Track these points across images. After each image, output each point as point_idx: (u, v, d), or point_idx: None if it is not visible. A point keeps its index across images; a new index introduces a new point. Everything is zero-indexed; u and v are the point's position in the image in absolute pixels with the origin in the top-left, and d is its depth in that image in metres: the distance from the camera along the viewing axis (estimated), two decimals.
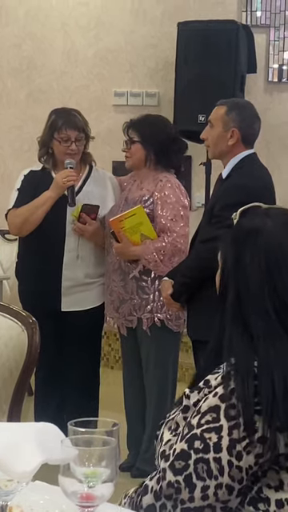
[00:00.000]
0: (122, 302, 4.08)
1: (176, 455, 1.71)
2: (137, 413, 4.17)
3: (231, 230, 1.89)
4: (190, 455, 1.70)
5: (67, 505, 1.56)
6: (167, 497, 1.71)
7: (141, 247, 3.98)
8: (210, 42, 5.85)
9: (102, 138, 5.57)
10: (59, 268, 4.14)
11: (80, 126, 4.14)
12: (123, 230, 3.99)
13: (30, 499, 1.66)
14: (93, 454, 1.46)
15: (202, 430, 1.70)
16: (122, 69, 6.59)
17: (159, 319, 4.02)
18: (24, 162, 5.63)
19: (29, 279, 4.23)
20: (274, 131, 6.29)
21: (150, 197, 4.02)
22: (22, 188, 4.18)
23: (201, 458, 1.69)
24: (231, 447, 1.68)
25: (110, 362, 6.28)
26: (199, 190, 6.17)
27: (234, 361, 1.72)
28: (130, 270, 4.04)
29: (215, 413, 1.70)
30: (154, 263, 3.96)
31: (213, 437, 1.69)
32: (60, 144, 4.11)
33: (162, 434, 1.88)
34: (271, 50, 6.42)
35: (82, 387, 4.22)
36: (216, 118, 3.77)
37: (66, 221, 4.12)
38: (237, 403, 1.68)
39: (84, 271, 4.18)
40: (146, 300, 4.03)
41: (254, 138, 3.80)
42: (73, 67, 6.67)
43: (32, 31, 6.68)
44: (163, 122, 4.24)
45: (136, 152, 4.09)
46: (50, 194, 4.08)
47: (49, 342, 3.47)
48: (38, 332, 2.52)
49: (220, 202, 3.66)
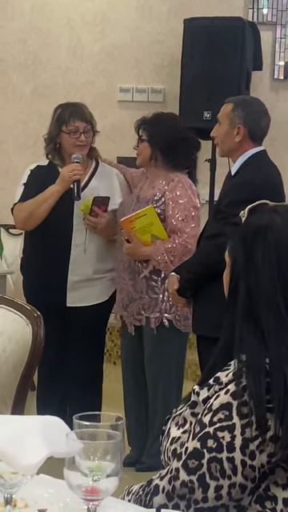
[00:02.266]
0: (131, 300, 4.08)
1: (189, 454, 1.71)
2: (137, 409, 4.17)
3: (240, 228, 1.88)
4: (204, 454, 1.69)
5: (71, 498, 1.56)
6: (180, 497, 1.70)
7: (151, 248, 3.97)
8: (216, 38, 5.84)
9: (106, 134, 5.56)
10: (66, 263, 4.13)
11: (87, 117, 4.15)
12: (134, 230, 3.99)
13: (34, 492, 1.66)
14: (98, 448, 1.46)
15: (214, 429, 1.69)
16: (127, 65, 6.59)
17: (167, 319, 4.01)
18: (29, 156, 5.63)
19: (34, 274, 4.23)
20: (280, 129, 6.27)
21: (162, 196, 4.01)
22: (29, 183, 4.18)
23: (214, 458, 1.68)
24: (244, 446, 1.68)
25: (113, 357, 6.27)
26: (204, 187, 6.15)
27: (245, 357, 1.71)
28: (141, 269, 4.03)
29: (227, 410, 1.69)
30: (165, 264, 3.96)
31: (226, 436, 1.68)
32: (69, 136, 4.11)
33: (169, 429, 1.88)
34: (277, 47, 6.42)
35: (85, 383, 4.22)
36: (223, 116, 3.78)
37: (73, 215, 4.12)
38: (249, 400, 1.68)
39: (91, 266, 4.17)
40: (156, 300, 4.02)
41: (261, 134, 3.79)
42: (78, 63, 6.67)
43: (38, 26, 6.67)
44: (173, 120, 4.24)
45: (143, 150, 4.09)
46: (55, 188, 4.08)
47: (53, 337, 3.48)
48: (42, 326, 2.51)
49: (226, 198, 3.66)
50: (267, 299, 1.76)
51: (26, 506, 1.64)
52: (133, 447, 4.20)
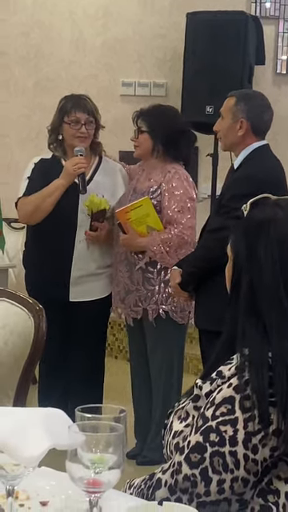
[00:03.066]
0: (128, 292, 4.08)
1: (191, 448, 1.71)
2: (144, 402, 4.17)
3: (242, 222, 1.88)
4: (206, 448, 1.69)
5: (73, 490, 1.56)
6: (183, 490, 1.70)
7: (147, 239, 3.97)
8: (218, 32, 5.84)
9: (109, 128, 5.53)
10: (69, 258, 4.12)
11: (90, 109, 4.13)
12: (129, 221, 3.99)
13: (36, 484, 1.66)
14: (100, 440, 1.45)
15: (217, 423, 1.69)
16: (129, 59, 6.58)
17: (164, 311, 4.02)
18: (31, 150, 5.63)
19: (36, 268, 4.23)
20: (282, 123, 6.26)
21: (158, 188, 4.01)
22: (33, 176, 4.17)
23: (216, 452, 1.68)
24: (247, 440, 1.68)
25: (114, 351, 6.28)
26: (206, 181, 6.17)
27: (247, 351, 1.71)
28: (137, 261, 4.04)
29: (230, 404, 1.69)
30: (161, 255, 3.96)
31: (228, 430, 1.68)
32: (70, 127, 4.10)
33: (171, 423, 1.88)
34: (280, 41, 6.41)
35: (86, 377, 4.22)
36: (225, 110, 3.78)
37: (77, 211, 4.11)
38: (251, 394, 1.67)
39: (94, 261, 4.17)
40: (152, 291, 4.03)
41: (264, 128, 3.78)
42: (81, 56, 6.66)
43: (40, 20, 6.66)
44: (173, 112, 4.24)
45: (144, 142, 4.08)
46: (60, 182, 4.07)
47: (54, 331, 3.48)
48: (44, 319, 2.51)
49: (229, 192, 3.66)
50: (270, 293, 1.76)
51: (27, 498, 1.65)
52: (138, 440, 4.21)
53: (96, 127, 4.18)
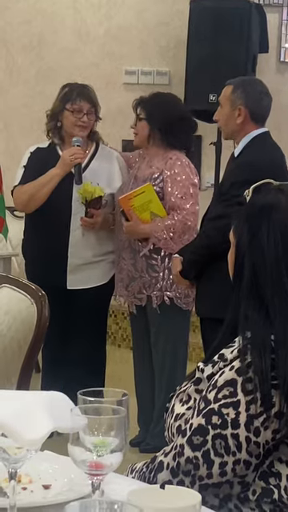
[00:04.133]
0: (132, 279, 4.08)
1: (193, 430, 1.71)
2: (147, 389, 4.18)
3: (245, 207, 1.88)
4: (208, 430, 1.70)
5: (76, 474, 1.56)
6: (185, 473, 1.71)
7: (150, 225, 3.97)
8: (221, 20, 5.82)
9: (112, 117, 5.56)
10: (65, 246, 4.13)
11: (93, 99, 4.15)
12: (132, 208, 3.98)
13: (38, 468, 1.67)
14: (102, 424, 1.46)
15: (219, 405, 1.70)
16: (132, 47, 6.56)
17: (168, 297, 4.02)
18: (33, 139, 5.60)
19: (34, 256, 4.24)
20: (285, 111, 6.26)
21: (160, 174, 4.01)
22: (29, 165, 4.18)
23: (219, 434, 1.69)
24: (249, 423, 1.68)
25: (118, 340, 6.28)
26: (209, 170, 6.15)
27: (249, 335, 1.71)
28: (140, 248, 4.04)
29: (232, 387, 1.70)
30: (164, 241, 3.96)
31: (230, 412, 1.69)
32: (72, 114, 4.10)
33: (173, 406, 1.88)
34: (283, 29, 6.40)
35: (87, 365, 4.22)
36: (223, 98, 3.78)
37: (71, 199, 4.11)
38: (253, 377, 1.68)
39: (90, 249, 4.18)
40: (156, 278, 4.02)
41: (263, 114, 3.77)
42: (83, 45, 6.65)
43: (42, 8, 6.64)
44: (173, 100, 4.23)
45: (141, 129, 4.09)
46: (56, 172, 4.08)
47: (54, 319, 3.48)
48: (47, 305, 2.51)
49: (229, 179, 3.66)
50: (272, 277, 1.76)
51: (30, 481, 1.65)
52: (141, 428, 4.22)
53: (96, 118, 4.18)
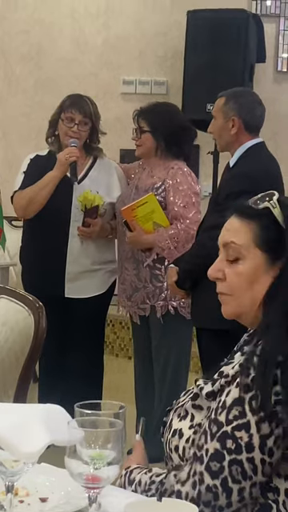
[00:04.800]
0: (135, 290, 4.08)
1: (210, 456, 1.68)
2: (147, 399, 4.17)
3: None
4: (224, 456, 1.67)
5: (73, 487, 1.56)
6: (205, 503, 1.67)
7: (154, 235, 3.98)
8: (219, 30, 5.84)
9: (109, 126, 5.54)
10: (63, 254, 4.14)
11: (87, 111, 4.14)
12: (135, 218, 3.99)
13: (35, 481, 1.67)
14: (99, 436, 1.46)
15: (232, 428, 1.67)
16: (130, 57, 6.58)
17: (173, 307, 4.02)
18: (32, 148, 5.61)
19: (32, 264, 4.24)
20: (282, 121, 6.28)
21: (162, 184, 4.01)
22: (28, 171, 4.19)
23: (234, 460, 1.66)
24: (262, 444, 1.66)
25: (115, 349, 6.28)
26: (207, 179, 6.16)
27: (262, 348, 1.70)
28: (144, 258, 4.04)
29: (240, 406, 1.67)
30: (168, 250, 3.96)
31: (243, 436, 1.66)
32: (63, 123, 4.12)
33: (171, 420, 1.87)
34: (281, 39, 6.42)
35: (85, 374, 4.22)
36: (217, 110, 3.78)
37: (71, 206, 4.12)
38: (256, 393, 1.66)
39: (89, 257, 4.18)
40: (160, 288, 4.02)
41: (257, 124, 3.77)
42: (81, 54, 6.66)
43: (41, 17, 6.66)
44: (173, 110, 4.23)
45: (146, 141, 4.08)
46: (54, 174, 4.09)
47: (51, 329, 3.49)
48: (44, 316, 2.51)
49: (225, 190, 3.66)
50: None
51: (27, 494, 1.65)
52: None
53: (92, 131, 4.18)
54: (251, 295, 1.81)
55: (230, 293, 1.84)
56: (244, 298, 1.82)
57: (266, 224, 1.82)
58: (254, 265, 1.81)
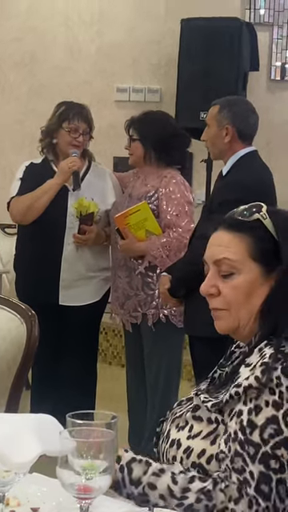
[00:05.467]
0: (127, 298, 4.08)
1: (257, 479, 1.65)
2: (139, 408, 4.16)
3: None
4: (271, 477, 1.65)
5: (64, 497, 1.55)
6: None
7: (146, 243, 3.98)
8: (212, 39, 5.84)
9: (103, 134, 5.56)
10: (58, 261, 4.13)
11: (89, 120, 4.19)
12: (128, 226, 3.99)
13: (27, 491, 1.66)
14: (91, 447, 1.45)
15: (270, 447, 1.66)
16: (124, 64, 6.58)
17: (164, 315, 4.02)
18: (25, 156, 5.61)
19: (26, 271, 4.23)
20: (276, 130, 6.29)
21: (155, 193, 4.02)
22: (25, 177, 4.20)
23: (279, 479, 1.65)
24: None
25: (108, 357, 6.28)
26: (200, 187, 6.16)
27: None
28: (136, 266, 4.04)
29: (274, 424, 1.66)
30: (160, 259, 3.96)
31: (284, 453, 1.65)
32: (68, 134, 4.13)
33: (169, 431, 1.86)
34: (274, 48, 6.42)
35: (78, 382, 4.21)
36: (210, 118, 3.79)
37: (66, 214, 4.12)
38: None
39: (84, 264, 4.18)
40: (152, 296, 4.02)
41: (251, 132, 3.78)
42: (75, 62, 6.67)
43: (34, 25, 6.67)
44: (164, 118, 4.24)
45: (136, 150, 4.10)
46: (55, 181, 4.10)
47: (44, 336, 3.49)
48: (37, 325, 2.51)
49: (218, 198, 3.66)
50: None
51: (18, 504, 1.64)
52: (132, 446, 4.19)
53: (89, 137, 4.22)
54: (248, 309, 1.81)
55: (226, 307, 1.84)
56: (241, 312, 1.82)
57: (259, 236, 1.82)
58: (250, 278, 1.81)
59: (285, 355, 1.71)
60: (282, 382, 1.68)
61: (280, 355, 1.71)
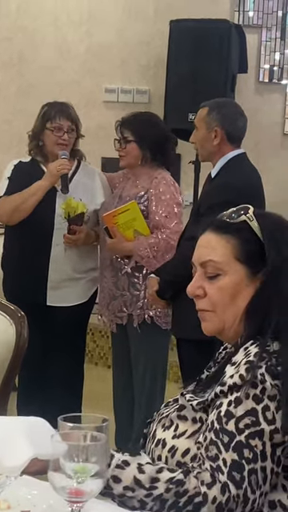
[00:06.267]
0: (113, 298, 4.08)
1: (230, 466, 1.66)
2: (126, 409, 4.17)
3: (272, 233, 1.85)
4: (243, 466, 1.65)
5: (55, 500, 1.55)
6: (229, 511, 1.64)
7: (134, 243, 3.98)
8: (201, 40, 5.84)
9: (91, 135, 5.55)
10: (46, 261, 4.13)
11: (73, 117, 4.17)
12: (116, 225, 3.99)
13: (17, 494, 1.65)
14: (82, 450, 1.45)
15: (245, 437, 1.66)
16: (113, 65, 6.58)
17: (150, 316, 4.02)
18: (13, 156, 5.57)
19: (14, 270, 4.22)
20: (264, 132, 6.31)
21: (145, 193, 4.02)
22: (13, 177, 4.18)
23: (252, 469, 1.65)
24: (273, 453, 1.67)
25: (95, 358, 6.27)
26: (188, 189, 6.17)
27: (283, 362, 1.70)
28: (122, 265, 4.04)
29: (253, 416, 1.67)
30: (147, 259, 3.96)
31: (258, 444, 1.66)
32: (52, 133, 4.12)
33: (155, 431, 1.87)
34: (262, 50, 6.44)
35: (65, 383, 4.21)
36: (199, 120, 3.79)
37: (54, 214, 4.11)
38: (271, 403, 1.67)
39: (72, 265, 4.17)
40: (137, 296, 4.02)
41: (239, 135, 3.78)
42: (64, 62, 6.66)
43: (23, 25, 6.65)
44: (155, 119, 4.24)
45: (132, 151, 4.08)
46: (43, 183, 4.09)
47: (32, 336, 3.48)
48: (26, 326, 2.50)
49: (207, 200, 3.66)
50: None
51: (8, 507, 1.63)
52: (118, 447, 4.19)
53: (76, 136, 4.20)
54: (233, 310, 1.82)
55: (211, 309, 1.85)
56: (227, 313, 1.83)
57: (245, 237, 1.83)
58: (236, 279, 1.82)
59: (270, 354, 1.72)
60: (265, 379, 1.69)
61: (265, 354, 1.72)
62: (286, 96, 6.46)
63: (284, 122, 6.47)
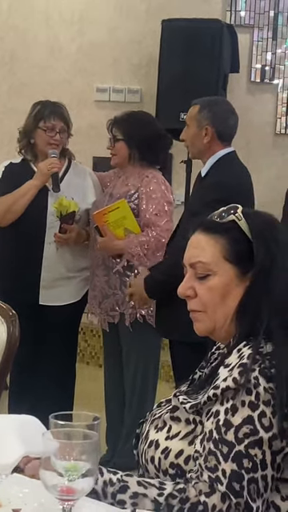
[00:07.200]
0: (105, 297, 4.08)
1: (229, 477, 1.65)
2: (116, 408, 4.17)
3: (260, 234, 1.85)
4: (243, 476, 1.65)
5: (46, 498, 1.55)
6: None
7: (124, 241, 3.98)
8: (193, 40, 5.85)
9: (83, 134, 5.55)
10: (39, 260, 4.13)
11: (66, 117, 4.17)
12: (107, 223, 3.99)
13: (8, 492, 1.65)
14: (74, 448, 1.45)
15: (244, 446, 1.66)
16: (104, 64, 6.58)
17: (141, 315, 4.02)
18: (4, 155, 5.59)
19: (7, 271, 4.21)
20: (255, 131, 6.32)
21: (136, 192, 4.02)
22: (3, 178, 4.18)
23: (251, 479, 1.65)
24: (273, 461, 1.66)
25: (86, 357, 6.27)
26: (179, 188, 6.18)
27: (275, 363, 1.70)
28: (114, 264, 4.04)
29: (250, 424, 1.67)
30: (138, 257, 3.96)
31: (258, 453, 1.65)
32: (45, 133, 4.12)
33: (148, 432, 1.86)
34: (254, 50, 6.45)
35: (57, 382, 4.20)
36: (190, 118, 3.78)
37: (47, 213, 4.11)
38: (266, 409, 1.66)
39: (64, 264, 4.17)
40: None
41: (230, 133, 3.78)
42: (55, 61, 6.65)
43: (15, 24, 6.64)
44: (148, 118, 4.24)
45: (120, 150, 4.09)
46: (34, 183, 4.09)
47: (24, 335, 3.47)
48: (17, 325, 2.50)
49: (196, 200, 3.66)
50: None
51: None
52: (109, 446, 4.20)
53: (67, 136, 4.21)
54: (224, 310, 1.82)
55: (202, 309, 1.85)
56: (217, 313, 1.83)
57: (233, 237, 1.83)
58: (225, 279, 1.82)
59: (263, 356, 1.72)
60: (259, 383, 1.69)
61: (258, 356, 1.72)
62: (278, 96, 6.48)
63: (275, 122, 6.48)
